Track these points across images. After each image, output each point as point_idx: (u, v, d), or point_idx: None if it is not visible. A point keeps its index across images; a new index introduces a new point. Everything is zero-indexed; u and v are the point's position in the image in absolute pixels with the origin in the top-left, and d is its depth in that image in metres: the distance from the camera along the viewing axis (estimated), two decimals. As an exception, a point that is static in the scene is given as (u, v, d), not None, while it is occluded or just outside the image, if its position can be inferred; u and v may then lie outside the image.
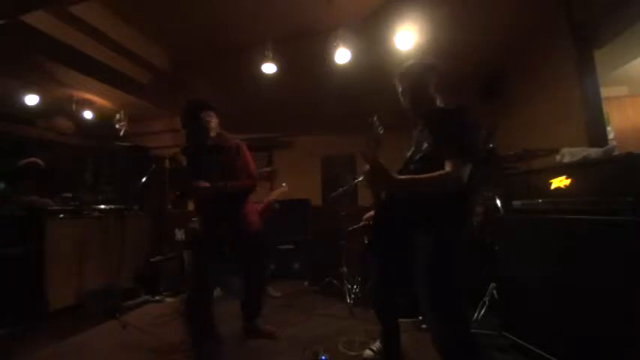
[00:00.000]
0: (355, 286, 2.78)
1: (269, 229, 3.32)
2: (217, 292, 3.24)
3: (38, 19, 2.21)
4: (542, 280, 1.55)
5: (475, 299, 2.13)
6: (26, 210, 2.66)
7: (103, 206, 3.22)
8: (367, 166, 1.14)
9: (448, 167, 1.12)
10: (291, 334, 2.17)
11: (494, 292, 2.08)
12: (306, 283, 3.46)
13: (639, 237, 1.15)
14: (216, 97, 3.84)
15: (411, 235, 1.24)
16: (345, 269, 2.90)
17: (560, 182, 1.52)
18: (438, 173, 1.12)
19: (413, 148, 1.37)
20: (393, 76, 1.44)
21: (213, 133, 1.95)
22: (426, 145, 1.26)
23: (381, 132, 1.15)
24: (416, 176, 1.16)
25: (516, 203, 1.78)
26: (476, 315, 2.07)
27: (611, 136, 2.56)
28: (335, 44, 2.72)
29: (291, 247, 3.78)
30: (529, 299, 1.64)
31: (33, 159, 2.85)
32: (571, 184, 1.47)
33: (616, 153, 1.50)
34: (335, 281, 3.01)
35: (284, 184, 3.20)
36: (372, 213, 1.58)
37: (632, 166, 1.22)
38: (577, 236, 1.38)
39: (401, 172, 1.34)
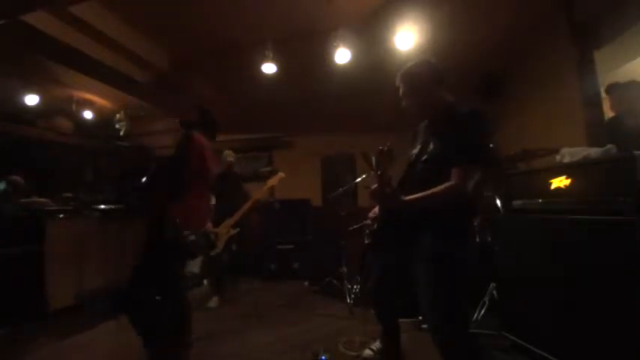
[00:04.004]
0: (355, 286, 2.77)
1: (270, 228, 3.34)
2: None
3: (38, 19, 2.21)
4: (542, 280, 1.55)
5: (475, 299, 2.13)
6: (26, 210, 2.66)
7: (103, 206, 3.22)
8: (374, 185, 1.15)
9: (454, 176, 1.13)
10: (291, 334, 2.17)
11: (494, 292, 2.08)
12: (306, 283, 3.46)
13: (639, 237, 1.15)
14: (217, 97, 3.87)
15: (414, 235, 1.24)
16: (345, 269, 2.90)
17: (560, 182, 1.51)
18: (442, 187, 1.14)
19: (419, 146, 1.35)
20: (393, 76, 1.43)
21: None
22: (432, 146, 1.26)
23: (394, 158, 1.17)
24: (421, 194, 1.17)
25: (516, 203, 1.78)
26: (476, 315, 2.07)
27: (611, 136, 2.55)
28: (335, 44, 2.72)
29: (291, 247, 3.78)
30: (529, 299, 1.63)
31: (14, 177, 3.06)
32: (571, 184, 1.47)
33: (616, 153, 1.50)
34: (335, 281, 3.00)
35: (280, 172, 3.09)
36: (376, 210, 1.57)
37: (632, 166, 1.22)
38: (577, 236, 1.38)
39: (407, 172, 1.35)
